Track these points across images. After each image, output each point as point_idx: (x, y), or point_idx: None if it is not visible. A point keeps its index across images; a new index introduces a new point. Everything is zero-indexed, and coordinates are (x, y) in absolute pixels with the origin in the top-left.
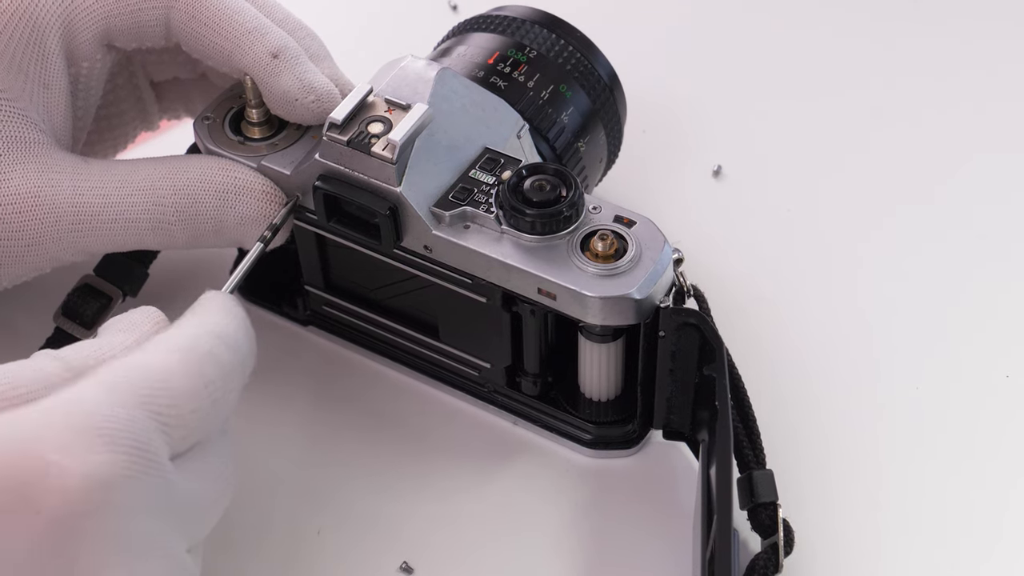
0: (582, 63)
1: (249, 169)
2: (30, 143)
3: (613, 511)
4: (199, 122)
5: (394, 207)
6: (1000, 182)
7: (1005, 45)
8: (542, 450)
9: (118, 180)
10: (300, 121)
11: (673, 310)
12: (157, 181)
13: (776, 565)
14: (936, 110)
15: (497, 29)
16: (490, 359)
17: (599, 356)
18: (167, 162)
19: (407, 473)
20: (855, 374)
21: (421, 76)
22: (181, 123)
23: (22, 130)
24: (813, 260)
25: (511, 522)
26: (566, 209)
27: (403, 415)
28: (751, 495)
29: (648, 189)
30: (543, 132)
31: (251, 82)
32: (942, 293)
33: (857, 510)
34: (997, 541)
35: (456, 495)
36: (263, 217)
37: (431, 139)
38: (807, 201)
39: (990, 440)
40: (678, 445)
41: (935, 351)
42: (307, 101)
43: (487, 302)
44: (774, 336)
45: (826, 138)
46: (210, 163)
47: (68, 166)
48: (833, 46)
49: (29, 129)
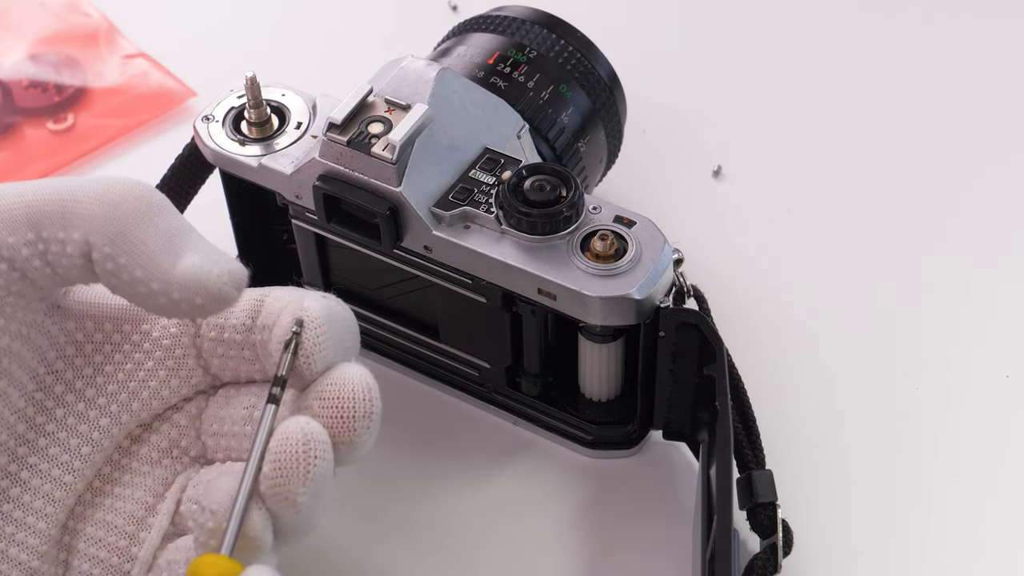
0: (582, 63)
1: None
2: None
3: (613, 511)
4: (199, 122)
5: (394, 207)
6: (1000, 182)
7: (1006, 45)
8: (542, 450)
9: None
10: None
11: (673, 310)
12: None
13: (775, 565)
14: (936, 110)
15: (497, 29)
16: (490, 359)
17: (599, 356)
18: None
19: (407, 473)
20: (855, 374)
21: (421, 76)
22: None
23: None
24: (813, 260)
25: (511, 522)
26: (566, 209)
27: (403, 415)
28: (750, 495)
29: (648, 189)
30: (543, 132)
31: (251, 82)
32: (942, 293)
33: (856, 510)
34: (997, 541)
35: (456, 495)
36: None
37: (431, 139)
38: (807, 201)
39: (990, 440)
40: (678, 445)
41: (935, 351)
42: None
43: (487, 302)
44: (774, 336)
45: (826, 138)
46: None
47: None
48: (833, 46)
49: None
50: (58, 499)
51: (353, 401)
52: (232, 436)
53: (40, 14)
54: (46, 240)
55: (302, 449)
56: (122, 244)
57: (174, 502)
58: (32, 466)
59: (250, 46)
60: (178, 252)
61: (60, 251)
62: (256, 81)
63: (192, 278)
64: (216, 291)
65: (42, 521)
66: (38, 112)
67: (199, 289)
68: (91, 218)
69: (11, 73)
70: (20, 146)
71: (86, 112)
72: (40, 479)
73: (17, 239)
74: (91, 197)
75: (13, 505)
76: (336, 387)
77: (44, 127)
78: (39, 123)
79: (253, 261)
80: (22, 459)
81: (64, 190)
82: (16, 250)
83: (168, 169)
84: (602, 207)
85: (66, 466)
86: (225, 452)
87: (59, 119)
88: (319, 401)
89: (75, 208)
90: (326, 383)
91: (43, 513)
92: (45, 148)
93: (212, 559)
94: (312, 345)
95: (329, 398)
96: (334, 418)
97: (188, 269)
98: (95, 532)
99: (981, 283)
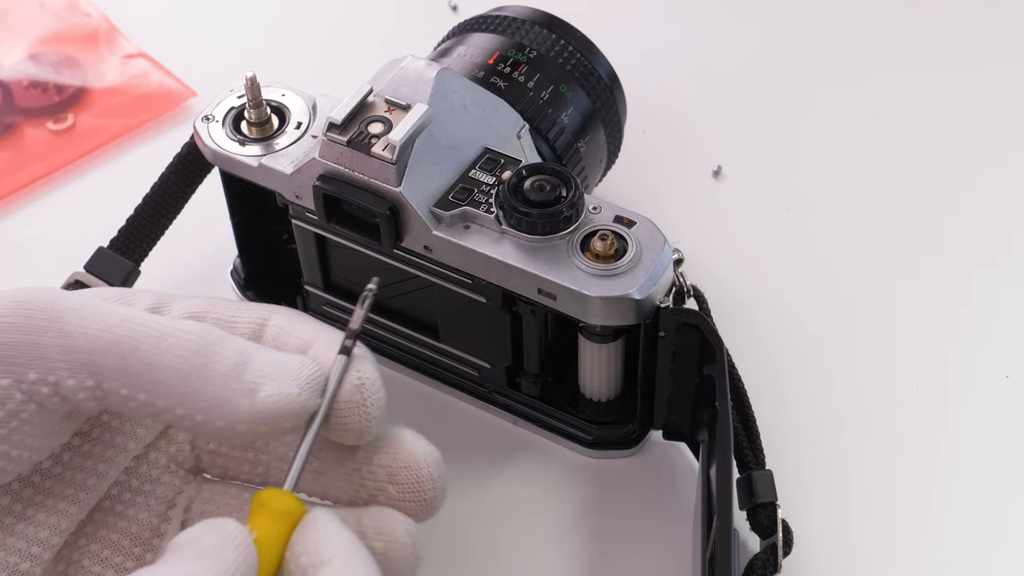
0: (582, 63)
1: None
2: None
3: (613, 511)
4: (199, 122)
5: (394, 207)
6: (1000, 182)
7: (1006, 45)
8: (542, 450)
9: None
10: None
11: (673, 310)
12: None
13: (775, 565)
14: (936, 110)
15: (497, 29)
16: (490, 359)
17: (599, 356)
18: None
19: None
20: (855, 374)
21: (421, 76)
22: (181, 123)
23: None
24: (813, 260)
25: (511, 522)
26: (566, 209)
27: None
28: (750, 495)
29: (648, 189)
30: (543, 132)
31: (251, 82)
32: (942, 293)
33: (856, 511)
34: (997, 541)
35: (456, 495)
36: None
37: (431, 139)
38: (807, 201)
39: (990, 440)
40: (678, 445)
41: (935, 351)
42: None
43: (487, 302)
44: (774, 336)
45: (826, 138)
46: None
47: None
48: (833, 46)
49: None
50: (61, 526)
51: (432, 484)
52: (231, 458)
53: (40, 14)
54: (106, 391)
55: (410, 550)
56: (194, 404)
57: (178, 523)
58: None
59: (250, 46)
60: (249, 388)
61: (119, 404)
62: (256, 81)
63: (275, 409)
64: (301, 410)
65: (36, 546)
66: (38, 112)
67: (285, 416)
68: (156, 383)
69: (11, 73)
70: (20, 146)
71: (86, 112)
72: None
73: (76, 383)
74: (152, 356)
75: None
76: (412, 472)
77: (44, 127)
78: (39, 123)
79: (253, 261)
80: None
81: (126, 345)
82: (73, 392)
83: (166, 168)
84: (602, 207)
85: (71, 498)
86: (221, 470)
87: (59, 119)
88: (395, 486)
89: (136, 368)
90: (400, 465)
91: (39, 539)
92: (45, 148)
93: (279, 492)
94: (376, 410)
95: (407, 483)
96: (414, 503)
97: (268, 401)
98: (100, 551)
99: (981, 283)
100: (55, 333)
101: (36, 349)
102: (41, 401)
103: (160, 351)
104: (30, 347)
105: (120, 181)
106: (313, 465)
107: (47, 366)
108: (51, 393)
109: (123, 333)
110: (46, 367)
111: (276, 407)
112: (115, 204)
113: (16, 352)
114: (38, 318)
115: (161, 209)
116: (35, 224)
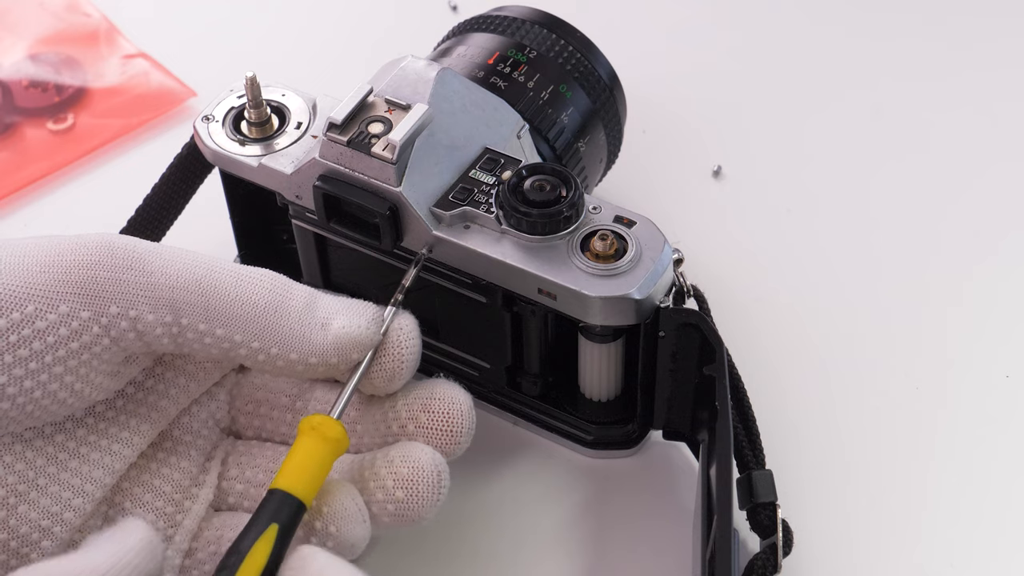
0: (582, 63)
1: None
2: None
3: (613, 511)
4: (199, 122)
5: (394, 207)
6: (1000, 182)
7: (1006, 45)
8: (542, 450)
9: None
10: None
11: (673, 310)
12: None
13: (775, 565)
14: (936, 110)
15: (497, 29)
16: (490, 359)
17: (599, 356)
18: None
19: None
20: (855, 374)
21: (421, 76)
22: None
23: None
24: (813, 260)
25: (511, 522)
26: (566, 209)
27: None
28: (750, 495)
29: (648, 189)
30: (543, 132)
31: (251, 82)
32: (942, 293)
33: (856, 510)
34: (997, 541)
35: (456, 495)
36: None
37: (431, 139)
38: (807, 201)
39: (990, 440)
40: (678, 445)
41: (935, 351)
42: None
43: (487, 302)
44: (774, 336)
45: (826, 138)
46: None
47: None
48: (833, 46)
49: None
50: (109, 465)
51: (461, 418)
52: (268, 419)
53: (40, 14)
54: (183, 327)
55: (435, 479)
56: (271, 337)
57: (216, 475)
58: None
59: (250, 46)
60: (322, 322)
61: (195, 339)
62: (256, 81)
63: (347, 339)
64: (370, 342)
65: (90, 483)
66: (38, 112)
67: (355, 346)
68: (236, 317)
69: (11, 73)
70: (20, 146)
71: (86, 112)
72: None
73: (156, 317)
74: (232, 292)
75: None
76: (444, 403)
77: (44, 127)
78: (39, 123)
79: (253, 261)
80: (81, 438)
81: (207, 283)
82: (151, 327)
83: (167, 168)
84: (602, 207)
85: (126, 441)
86: (256, 431)
87: (59, 119)
88: (427, 414)
89: (217, 304)
90: (433, 398)
91: (92, 477)
92: (45, 148)
93: (330, 419)
94: (410, 354)
95: (438, 412)
96: (442, 432)
97: (340, 332)
98: (143, 495)
99: (981, 283)
100: (139, 271)
101: (119, 285)
102: (117, 336)
103: (239, 288)
104: (113, 283)
105: (120, 181)
106: (350, 415)
107: (129, 300)
108: (128, 328)
109: (203, 273)
110: (128, 301)
111: (348, 337)
112: (115, 204)
113: (99, 287)
114: (121, 257)
115: (162, 209)
116: (35, 224)
